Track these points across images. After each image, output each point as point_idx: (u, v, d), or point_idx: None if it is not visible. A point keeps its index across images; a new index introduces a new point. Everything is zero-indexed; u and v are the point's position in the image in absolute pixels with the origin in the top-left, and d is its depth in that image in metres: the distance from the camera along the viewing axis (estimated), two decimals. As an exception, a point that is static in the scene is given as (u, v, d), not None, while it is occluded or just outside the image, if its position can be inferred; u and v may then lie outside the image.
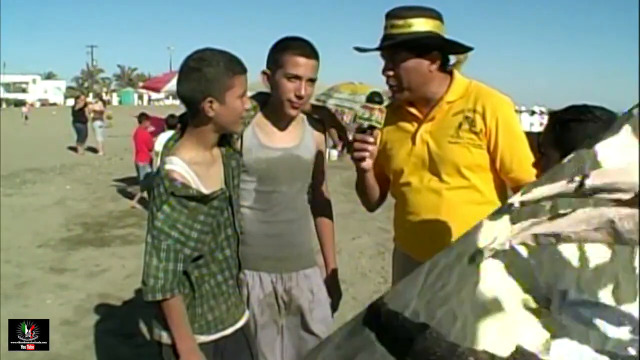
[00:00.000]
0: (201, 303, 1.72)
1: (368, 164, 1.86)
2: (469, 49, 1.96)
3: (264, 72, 1.99)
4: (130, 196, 8.68)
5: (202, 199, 1.63)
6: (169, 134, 3.99)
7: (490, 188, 1.90)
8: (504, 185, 1.93)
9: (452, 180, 1.87)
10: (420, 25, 1.83)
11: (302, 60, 1.90)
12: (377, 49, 1.90)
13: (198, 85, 1.61)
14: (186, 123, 1.75)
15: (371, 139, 1.80)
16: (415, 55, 1.84)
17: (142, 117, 9.19)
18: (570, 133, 1.33)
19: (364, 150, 1.80)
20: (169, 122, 7.69)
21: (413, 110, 1.95)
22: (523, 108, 17.08)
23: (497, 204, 1.93)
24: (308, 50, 1.92)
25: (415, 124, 1.96)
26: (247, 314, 1.91)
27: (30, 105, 41.82)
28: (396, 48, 1.85)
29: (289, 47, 1.92)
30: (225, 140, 1.82)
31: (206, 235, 1.68)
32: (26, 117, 27.77)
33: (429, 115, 1.92)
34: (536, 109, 17.05)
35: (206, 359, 1.69)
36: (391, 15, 1.86)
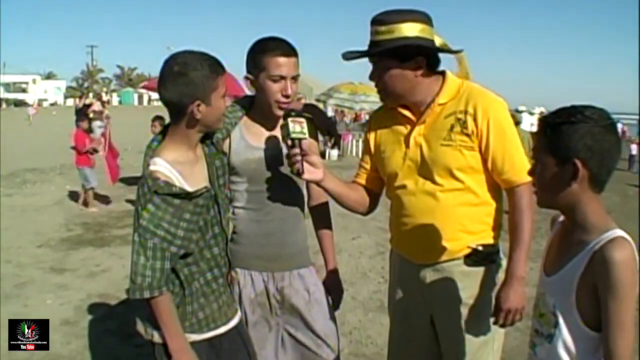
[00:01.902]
0: (191, 301, 1.74)
1: (313, 175, 1.84)
2: (454, 52, 1.93)
3: (246, 77, 1.99)
4: (128, 198, 8.67)
5: (187, 196, 1.65)
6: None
7: (484, 189, 1.89)
8: (499, 185, 1.92)
9: (445, 182, 1.86)
10: (405, 30, 1.78)
11: (283, 60, 1.90)
12: (359, 57, 1.88)
13: (186, 90, 1.63)
14: (168, 124, 1.76)
15: (296, 150, 1.81)
16: (399, 62, 1.82)
17: (80, 116, 8.47)
18: (563, 137, 1.30)
19: (295, 163, 1.81)
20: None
21: (406, 112, 1.94)
22: (523, 108, 17.03)
23: (492, 205, 1.94)
24: (287, 49, 1.92)
25: (409, 127, 1.94)
26: (239, 313, 1.92)
27: (38, 105, 40.81)
28: (379, 56, 1.83)
29: (268, 48, 1.92)
30: (208, 139, 1.84)
31: (193, 233, 1.69)
32: (30, 118, 27.68)
33: (422, 118, 1.90)
34: (535, 109, 17.01)
35: (198, 358, 1.69)
36: (375, 21, 1.83)
